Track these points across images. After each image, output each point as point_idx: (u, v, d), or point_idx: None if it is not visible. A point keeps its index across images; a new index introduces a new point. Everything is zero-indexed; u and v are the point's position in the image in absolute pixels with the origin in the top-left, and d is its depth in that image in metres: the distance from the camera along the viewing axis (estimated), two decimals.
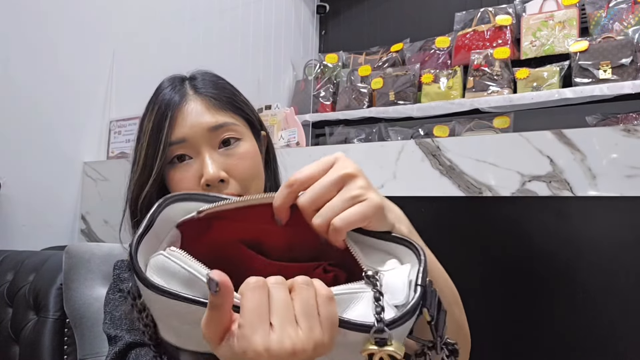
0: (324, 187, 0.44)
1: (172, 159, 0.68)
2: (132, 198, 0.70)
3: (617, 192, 0.89)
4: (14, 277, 1.15)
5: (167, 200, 0.45)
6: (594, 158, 0.91)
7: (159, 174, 0.67)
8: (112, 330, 0.66)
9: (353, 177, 0.44)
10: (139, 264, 0.39)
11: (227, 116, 0.70)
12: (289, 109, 1.66)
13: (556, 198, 0.94)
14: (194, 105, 0.69)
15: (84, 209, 1.72)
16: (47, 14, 1.64)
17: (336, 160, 0.46)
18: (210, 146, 0.67)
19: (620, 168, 0.88)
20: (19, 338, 1.07)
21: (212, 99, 0.71)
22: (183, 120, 0.68)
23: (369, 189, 0.44)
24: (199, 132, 0.67)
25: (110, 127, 1.81)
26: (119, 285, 0.72)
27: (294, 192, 0.44)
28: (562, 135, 0.94)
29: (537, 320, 0.96)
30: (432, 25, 2.45)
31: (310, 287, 0.37)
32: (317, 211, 0.43)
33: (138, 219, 0.69)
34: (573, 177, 0.92)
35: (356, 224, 0.43)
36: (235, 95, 0.75)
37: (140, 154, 0.69)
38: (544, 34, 1.96)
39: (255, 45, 2.20)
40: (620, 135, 0.89)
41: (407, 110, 2.13)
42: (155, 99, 0.72)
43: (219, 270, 0.35)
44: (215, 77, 0.76)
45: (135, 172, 0.70)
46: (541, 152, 0.96)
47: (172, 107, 0.69)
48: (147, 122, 0.70)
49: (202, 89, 0.72)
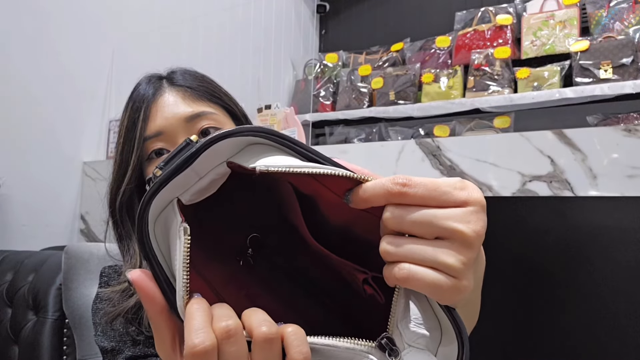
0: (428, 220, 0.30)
1: (149, 154, 0.66)
2: (111, 197, 0.68)
3: (618, 192, 0.88)
4: (13, 277, 1.15)
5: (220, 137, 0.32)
6: (595, 158, 0.90)
7: (135, 170, 0.65)
8: (106, 342, 0.63)
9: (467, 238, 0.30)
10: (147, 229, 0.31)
11: (204, 105, 0.68)
12: (289, 109, 1.66)
13: (557, 198, 0.94)
14: (168, 97, 0.67)
15: (83, 209, 1.72)
16: (47, 14, 1.64)
17: (467, 200, 0.31)
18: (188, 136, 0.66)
19: (621, 168, 0.88)
20: (18, 338, 1.07)
21: (188, 88, 0.68)
22: (158, 113, 0.66)
23: (470, 266, 0.30)
24: (175, 123, 0.65)
25: (110, 127, 1.81)
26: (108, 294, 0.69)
27: (395, 195, 0.31)
28: (563, 135, 0.94)
29: (538, 320, 0.95)
30: (432, 24, 2.44)
31: (273, 346, 0.28)
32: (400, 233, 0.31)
33: (116, 220, 0.67)
34: (574, 177, 0.92)
35: (416, 288, 0.30)
36: (213, 86, 0.72)
37: (118, 152, 0.67)
38: (544, 33, 1.95)
39: (255, 45, 2.19)
40: (621, 135, 0.88)
41: (407, 110, 2.13)
42: (130, 97, 0.70)
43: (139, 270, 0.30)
44: (195, 72, 0.74)
45: (114, 172, 0.68)
46: (542, 152, 0.96)
47: (145, 101, 0.67)
48: (122, 120, 0.68)
49: (178, 81, 0.70)
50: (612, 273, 0.89)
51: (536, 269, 0.96)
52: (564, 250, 0.93)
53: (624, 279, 0.88)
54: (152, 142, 0.65)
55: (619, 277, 0.88)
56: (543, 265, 0.95)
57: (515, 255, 0.99)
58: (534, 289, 0.96)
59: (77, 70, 1.73)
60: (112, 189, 0.68)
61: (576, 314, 0.92)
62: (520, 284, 0.99)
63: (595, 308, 0.90)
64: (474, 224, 0.30)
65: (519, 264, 0.98)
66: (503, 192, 0.99)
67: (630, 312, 0.86)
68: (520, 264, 0.98)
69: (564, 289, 0.93)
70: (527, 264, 0.97)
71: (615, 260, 0.89)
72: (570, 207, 0.93)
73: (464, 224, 0.30)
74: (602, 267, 0.90)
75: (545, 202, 0.95)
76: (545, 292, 0.95)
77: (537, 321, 0.95)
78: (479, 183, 1.02)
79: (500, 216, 1.02)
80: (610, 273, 0.89)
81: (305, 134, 1.63)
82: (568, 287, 0.92)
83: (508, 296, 0.99)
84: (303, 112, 2.42)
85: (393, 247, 0.31)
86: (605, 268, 0.89)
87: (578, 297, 0.91)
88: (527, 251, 0.97)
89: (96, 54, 1.79)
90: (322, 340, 0.30)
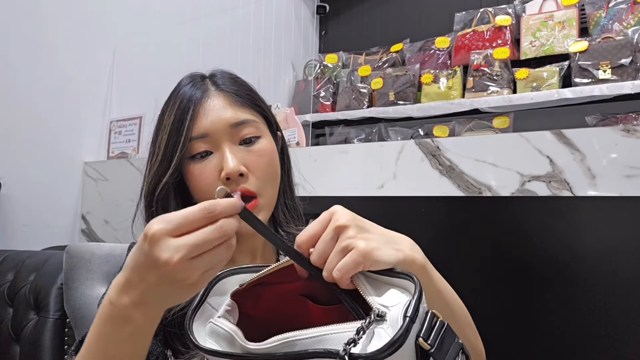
0: (324, 243, 0.48)
1: (194, 155, 0.68)
2: (149, 190, 0.70)
3: (616, 192, 0.89)
4: (14, 277, 1.16)
5: (216, 278, 0.52)
6: (594, 158, 0.91)
7: (178, 167, 0.68)
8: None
9: (344, 229, 0.48)
10: (194, 335, 0.48)
11: (248, 113, 0.71)
12: (289, 109, 1.66)
13: (556, 198, 0.94)
14: (216, 101, 0.70)
15: (84, 209, 1.73)
16: (47, 14, 1.65)
17: (332, 214, 0.50)
18: (231, 141, 0.68)
19: (620, 168, 0.88)
20: (19, 338, 1.08)
21: (234, 94, 0.71)
22: (205, 115, 0.68)
23: (358, 237, 0.47)
24: (221, 127, 0.68)
25: (111, 127, 1.82)
26: None
27: (304, 251, 0.49)
28: (562, 135, 0.94)
29: (537, 320, 0.96)
30: (432, 25, 2.45)
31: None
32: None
33: (154, 210, 0.69)
34: (573, 177, 0.93)
35: (351, 272, 0.46)
36: (254, 93, 0.76)
37: (160, 147, 0.69)
38: (543, 34, 1.96)
39: (255, 45, 2.20)
40: (620, 135, 0.89)
41: (407, 111, 2.13)
42: (176, 95, 0.72)
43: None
44: (234, 75, 0.77)
45: (153, 165, 0.70)
46: (541, 152, 0.96)
47: (194, 102, 0.69)
48: (168, 116, 0.70)
49: (223, 85, 0.72)
50: (612, 273, 0.89)
51: (535, 268, 0.97)
52: (563, 251, 0.93)
53: (622, 278, 0.88)
54: (196, 142, 0.68)
55: (618, 277, 0.88)
56: (542, 265, 0.96)
57: (514, 255, 0.99)
58: (532, 289, 0.97)
59: (78, 70, 1.74)
60: (151, 180, 0.70)
61: (575, 314, 0.92)
62: (518, 284, 0.99)
63: (594, 308, 0.90)
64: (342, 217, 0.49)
65: (518, 264, 0.99)
66: (502, 192, 0.99)
67: (630, 311, 0.87)
68: (519, 263, 0.99)
69: (563, 290, 0.93)
70: (526, 264, 0.98)
71: (613, 259, 0.89)
72: (569, 207, 0.93)
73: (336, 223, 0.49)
74: (601, 267, 0.90)
75: (544, 202, 0.95)
76: (544, 292, 0.95)
77: (535, 321, 0.96)
78: (478, 183, 1.02)
79: (499, 216, 1.03)
80: (610, 273, 0.89)
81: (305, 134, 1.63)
82: (567, 287, 0.93)
83: (506, 296, 0.99)
84: (303, 112, 2.42)
85: (326, 271, 0.47)
86: (604, 268, 0.90)
87: (577, 297, 0.92)
88: (526, 251, 0.98)
89: (96, 54, 1.80)
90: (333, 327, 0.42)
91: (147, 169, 0.73)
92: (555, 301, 0.94)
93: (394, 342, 0.39)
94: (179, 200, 0.71)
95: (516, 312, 0.98)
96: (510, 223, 1.01)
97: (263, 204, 0.69)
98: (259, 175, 0.68)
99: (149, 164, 0.72)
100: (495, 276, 1.02)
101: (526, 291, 0.98)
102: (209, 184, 0.67)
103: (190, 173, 0.69)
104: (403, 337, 0.39)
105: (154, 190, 0.69)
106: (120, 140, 1.77)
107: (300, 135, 1.56)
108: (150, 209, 0.70)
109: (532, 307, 0.97)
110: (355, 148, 1.31)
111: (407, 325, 0.39)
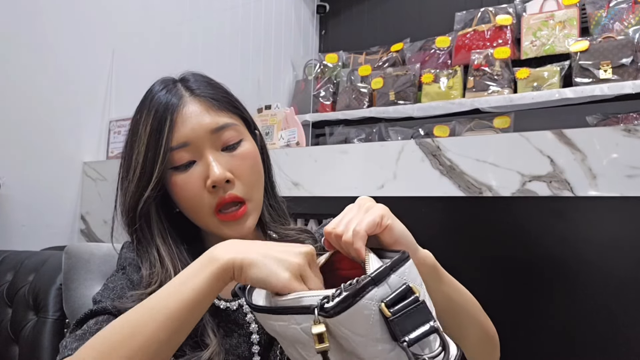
0: (349, 208, 0.57)
1: (177, 165, 0.66)
2: (130, 206, 0.67)
3: (617, 192, 0.88)
4: (13, 277, 1.15)
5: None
6: (595, 158, 0.90)
7: (160, 180, 0.66)
8: (98, 296, 0.66)
9: (365, 201, 0.57)
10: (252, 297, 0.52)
11: (227, 117, 0.69)
12: (289, 109, 1.66)
13: (556, 198, 0.94)
14: (193, 107, 0.67)
15: (83, 209, 1.72)
16: (46, 14, 1.64)
17: (358, 200, 0.58)
18: (213, 148, 0.66)
19: (621, 168, 0.88)
20: (18, 338, 1.07)
21: (211, 99, 0.69)
22: (183, 123, 0.66)
23: (376, 205, 0.56)
24: (201, 134, 0.66)
25: (110, 127, 1.81)
26: (122, 263, 0.71)
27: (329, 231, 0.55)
28: (563, 135, 0.94)
29: (537, 319, 0.96)
30: (432, 25, 2.44)
31: None
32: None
33: (137, 227, 0.67)
34: (573, 177, 0.92)
35: (370, 227, 0.52)
36: (230, 95, 0.73)
37: (138, 160, 0.66)
38: (544, 33, 1.95)
39: (255, 45, 2.19)
40: (621, 135, 0.89)
41: (407, 110, 2.13)
42: (149, 103, 0.69)
43: None
44: (207, 77, 0.74)
45: (132, 180, 0.67)
46: (541, 152, 0.96)
47: (170, 110, 0.66)
48: (143, 127, 0.67)
49: (198, 90, 0.70)
50: (612, 272, 0.89)
51: (535, 268, 0.97)
52: (564, 250, 0.93)
53: (623, 278, 0.88)
54: (177, 152, 0.66)
55: (618, 276, 0.88)
56: (542, 265, 0.96)
57: (515, 256, 0.99)
58: (534, 288, 0.97)
59: (77, 70, 1.73)
60: (133, 195, 0.67)
61: (575, 313, 0.92)
62: (519, 283, 0.99)
63: (594, 308, 0.90)
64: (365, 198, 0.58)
65: (519, 264, 0.99)
66: (503, 192, 0.99)
67: (630, 310, 0.87)
68: (520, 263, 0.98)
69: (563, 289, 0.93)
70: (526, 264, 0.97)
71: (614, 260, 0.89)
72: (569, 207, 0.93)
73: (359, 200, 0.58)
74: (601, 267, 0.90)
75: (545, 202, 0.95)
76: (544, 291, 0.95)
77: (535, 321, 0.96)
78: (478, 183, 1.02)
79: (499, 216, 1.02)
80: (610, 273, 0.89)
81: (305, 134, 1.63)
82: (567, 287, 0.93)
83: (507, 295, 0.99)
84: (303, 112, 2.42)
85: (347, 232, 0.52)
86: (604, 268, 0.89)
87: (577, 297, 0.92)
88: (527, 251, 0.97)
89: (96, 55, 1.80)
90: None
91: (121, 183, 0.70)
92: (556, 301, 0.94)
93: (346, 297, 0.41)
94: (161, 213, 0.69)
95: (516, 311, 0.98)
96: (511, 223, 1.01)
97: (252, 208, 0.68)
98: (244, 179, 0.67)
99: (125, 178, 0.69)
100: (495, 276, 1.02)
101: (527, 291, 0.98)
102: (195, 193, 0.65)
103: (173, 183, 0.66)
104: (356, 294, 0.40)
105: (136, 206, 0.67)
106: (120, 140, 1.76)
107: (300, 135, 1.55)
108: (133, 226, 0.68)
109: (533, 307, 0.97)
110: (356, 148, 1.31)
111: (365, 284, 0.41)
